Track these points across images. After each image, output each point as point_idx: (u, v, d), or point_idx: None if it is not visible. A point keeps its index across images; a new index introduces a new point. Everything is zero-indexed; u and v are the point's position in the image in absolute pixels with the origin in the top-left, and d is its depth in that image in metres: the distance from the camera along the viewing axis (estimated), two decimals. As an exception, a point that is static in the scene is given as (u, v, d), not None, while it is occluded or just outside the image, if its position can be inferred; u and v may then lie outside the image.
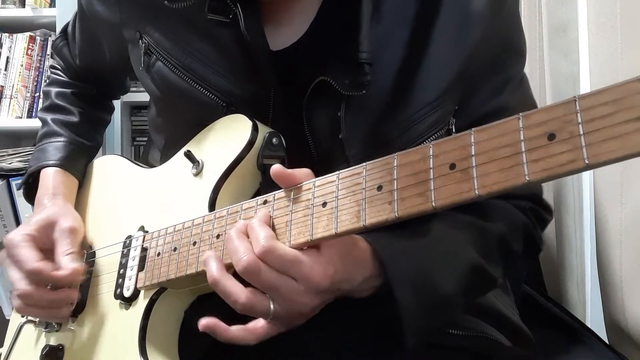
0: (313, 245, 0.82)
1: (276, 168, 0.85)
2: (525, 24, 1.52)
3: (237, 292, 0.83)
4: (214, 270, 0.85)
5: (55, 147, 1.33)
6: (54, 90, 1.44)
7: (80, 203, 1.33)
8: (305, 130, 1.03)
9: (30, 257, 1.10)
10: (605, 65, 1.17)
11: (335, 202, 0.77)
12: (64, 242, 1.14)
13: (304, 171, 0.86)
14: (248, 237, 0.85)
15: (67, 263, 1.10)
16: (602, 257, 1.21)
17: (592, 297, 1.34)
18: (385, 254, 0.85)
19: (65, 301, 1.12)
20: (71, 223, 1.17)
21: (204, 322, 0.85)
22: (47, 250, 1.15)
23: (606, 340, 1.19)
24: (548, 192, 1.42)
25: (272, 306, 0.83)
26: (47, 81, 1.51)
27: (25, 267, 1.09)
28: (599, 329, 1.21)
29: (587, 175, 1.33)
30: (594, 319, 1.32)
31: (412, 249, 0.89)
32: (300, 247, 0.81)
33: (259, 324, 0.85)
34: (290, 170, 0.85)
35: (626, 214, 1.12)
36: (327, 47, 1.01)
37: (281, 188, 0.86)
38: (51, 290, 1.10)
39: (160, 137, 1.26)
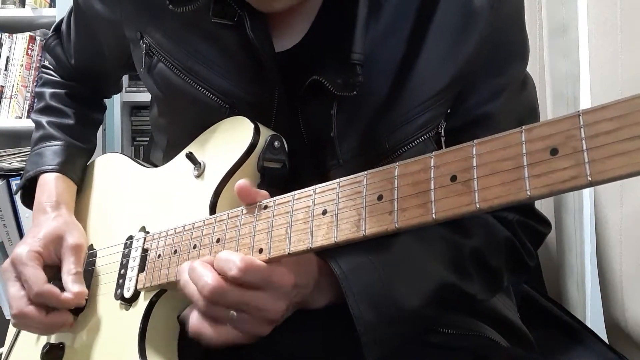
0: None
1: (241, 183, 0.90)
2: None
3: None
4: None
5: (53, 152, 1.32)
6: (47, 91, 1.43)
7: (82, 202, 1.33)
8: (302, 128, 1.03)
9: (39, 279, 1.10)
10: (605, 65, 1.16)
11: (336, 210, 0.77)
12: (69, 261, 1.14)
13: (264, 192, 0.91)
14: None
15: (72, 285, 1.11)
16: (602, 257, 1.20)
17: (592, 297, 1.34)
18: (339, 269, 0.87)
19: (60, 325, 1.12)
20: (77, 240, 1.17)
21: None
22: (51, 266, 1.16)
23: (606, 340, 1.19)
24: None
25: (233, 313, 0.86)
26: (40, 82, 1.50)
27: (33, 288, 1.09)
28: (599, 329, 1.21)
29: (587, 175, 1.33)
30: (594, 319, 1.32)
31: (370, 263, 0.89)
32: (298, 255, 0.82)
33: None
34: (254, 189, 0.91)
35: (626, 214, 1.12)
36: (325, 47, 1.01)
37: (282, 193, 0.87)
38: (47, 315, 1.11)
39: (163, 137, 1.25)
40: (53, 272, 1.15)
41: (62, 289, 1.11)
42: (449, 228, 1.00)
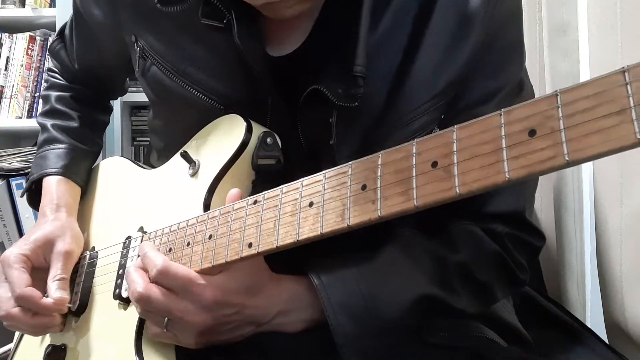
0: (217, 271, 0.91)
1: (234, 193, 0.94)
2: (525, 24, 1.50)
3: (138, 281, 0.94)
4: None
5: (56, 155, 1.33)
6: (53, 94, 1.44)
7: (86, 204, 1.34)
8: (300, 135, 1.03)
9: (20, 281, 1.11)
10: (605, 65, 1.16)
11: (322, 202, 0.77)
12: (56, 267, 1.15)
13: None
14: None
15: (54, 292, 1.11)
16: (602, 257, 1.20)
17: (592, 297, 1.33)
18: (318, 281, 0.89)
19: (46, 327, 1.14)
20: (67, 246, 1.18)
21: None
22: (42, 269, 1.17)
23: (606, 340, 1.17)
24: (548, 192, 1.42)
25: (166, 318, 0.92)
26: (46, 85, 1.51)
27: (15, 290, 1.10)
28: (599, 329, 1.20)
29: (587, 175, 1.32)
30: (594, 319, 1.31)
31: (351, 275, 0.90)
32: (286, 248, 0.82)
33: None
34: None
35: (626, 214, 1.11)
36: (325, 55, 1.00)
37: (274, 187, 0.87)
38: (33, 316, 1.11)
39: (159, 139, 1.26)
40: (44, 275, 1.16)
41: None
42: (435, 241, 1.00)
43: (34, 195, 1.35)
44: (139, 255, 1.05)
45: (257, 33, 1.03)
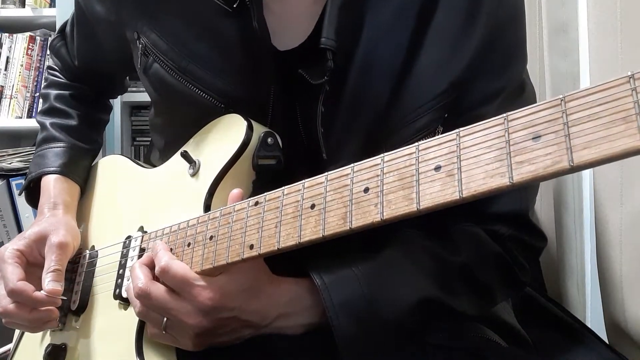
0: (217, 272, 0.91)
1: (235, 193, 0.94)
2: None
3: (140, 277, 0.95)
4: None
5: (55, 153, 1.33)
6: (52, 92, 1.44)
7: (85, 203, 1.34)
8: (300, 128, 1.03)
9: (13, 276, 1.11)
10: (605, 65, 1.15)
11: (323, 204, 0.77)
12: (50, 259, 1.14)
13: None
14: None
15: (47, 284, 1.10)
16: (602, 257, 1.19)
17: (592, 297, 1.33)
18: (320, 281, 0.88)
19: (44, 321, 1.12)
20: (61, 238, 1.16)
21: None
22: (39, 266, 1.16)
23: (606, 340, 1.18)
24: (548, 192, 1.42)
25: (164, 319, 0.93)
26: (45, 83, 1.50)
27: (7, 285, 1.10)
28: (599, 329, 1.20)
29: (587, 175, 1.32)
30: (594, 319, 1.31)
31: (354, 275, 0.90)
32: (289, 250, 0.82)
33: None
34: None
35: (626, 214, 1.11)
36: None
37: (275, 188, 0.86)
38: (31, 312, 1.11)
39: (160, 138, 1.26)
40: (38, 271, 1.15)
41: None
42: (437, 243, 1.00)
43: (33, 194, 1.35)
44: (140, 254, 1.05)
45: (264, 23, 1.03)
